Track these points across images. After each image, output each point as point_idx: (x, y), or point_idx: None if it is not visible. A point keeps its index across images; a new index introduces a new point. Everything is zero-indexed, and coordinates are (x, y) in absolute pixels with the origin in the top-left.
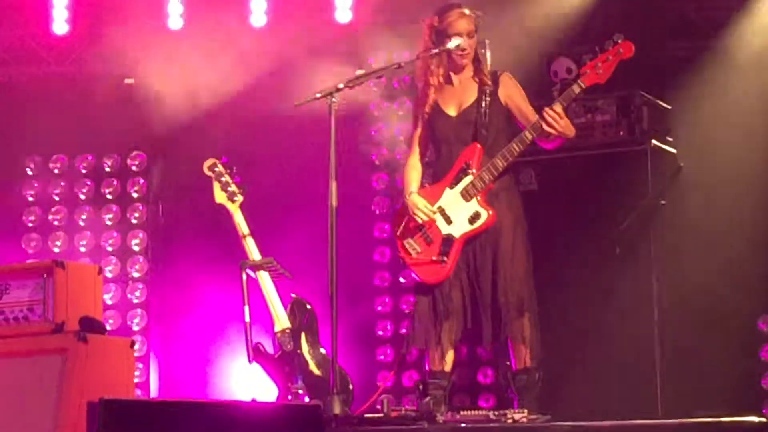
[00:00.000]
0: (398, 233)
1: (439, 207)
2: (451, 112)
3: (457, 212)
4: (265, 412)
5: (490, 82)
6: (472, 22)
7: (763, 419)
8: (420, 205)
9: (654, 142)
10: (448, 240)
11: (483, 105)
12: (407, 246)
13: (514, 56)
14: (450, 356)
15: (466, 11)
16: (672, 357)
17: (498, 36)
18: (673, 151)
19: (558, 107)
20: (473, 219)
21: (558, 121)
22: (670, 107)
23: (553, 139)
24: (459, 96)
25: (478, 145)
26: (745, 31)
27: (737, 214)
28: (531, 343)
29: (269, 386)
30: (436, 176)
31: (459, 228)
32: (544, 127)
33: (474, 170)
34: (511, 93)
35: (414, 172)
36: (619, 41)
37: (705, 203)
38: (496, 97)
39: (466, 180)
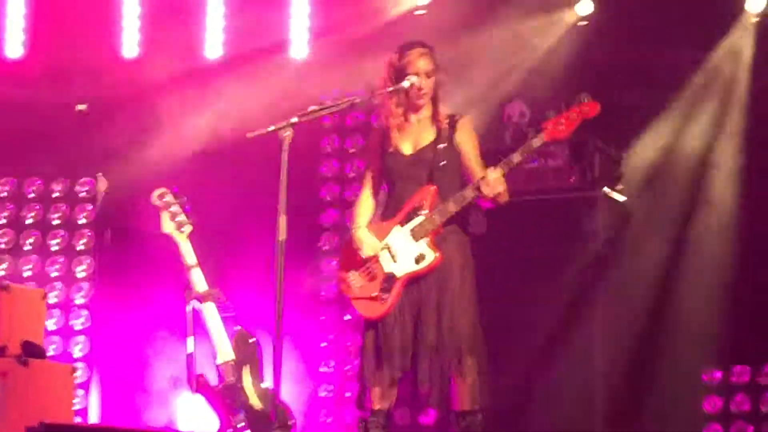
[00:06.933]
0: (342, 266)
1: (386, 244)
2: (407, 150)
3: (404, 251)
4: None
5: (447, 126)
6: (432, 61)
7: None
8: (366, 240)
9: (605, 189)
10: (390, 278)
11: (439, 146)
12: (349, 280)
13: (468, 97)
14: (390, 394)
15: (426, 50)
16: (614, 406)
17: (454, 75)
18: (624, 198)
19: (498, 172)
20: (419, 259)
21: (494, 187)
22: (622, 155)
23: (489, 200)
24: (416, 135)
25: (432, 187)
26: (703, 80)
27: (685, 265)
28: (475, 385)
29: (211, 418)
30: (387, 213)
31: (403, 267)
32: (482, 188)
33: (426, 211)
34: (464, 139)
35: (364, 206)
36: (585, 100)
37: (654, 252)
38: (453, 140)
39: (417, 220)
